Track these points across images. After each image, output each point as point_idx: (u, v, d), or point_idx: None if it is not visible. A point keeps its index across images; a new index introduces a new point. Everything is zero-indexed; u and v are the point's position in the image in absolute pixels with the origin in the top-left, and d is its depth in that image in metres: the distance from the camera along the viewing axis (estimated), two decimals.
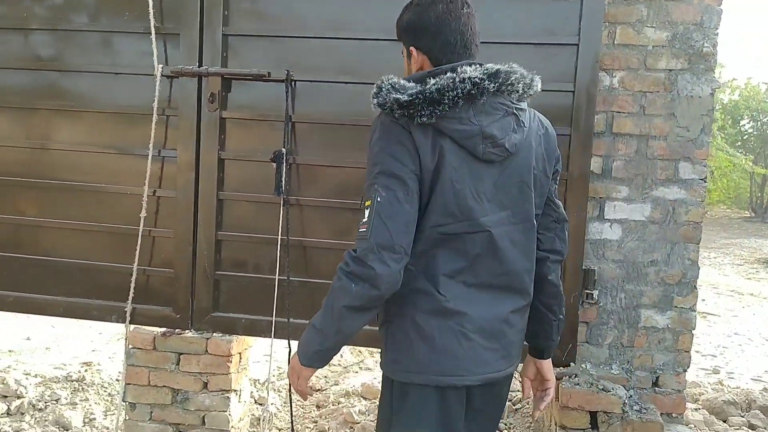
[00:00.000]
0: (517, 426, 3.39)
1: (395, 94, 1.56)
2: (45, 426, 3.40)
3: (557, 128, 2.65)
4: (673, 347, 2.78)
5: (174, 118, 2.93)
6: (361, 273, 1.55)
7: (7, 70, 3.06)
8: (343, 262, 1.59)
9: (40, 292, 3.08)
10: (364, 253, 1.55)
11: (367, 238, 1.55)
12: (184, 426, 2.96)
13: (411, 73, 1.72)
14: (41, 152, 3.08)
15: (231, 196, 2.94)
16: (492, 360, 1.70)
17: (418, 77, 1.62)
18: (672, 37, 2.69)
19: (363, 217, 1.58)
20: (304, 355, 1.68)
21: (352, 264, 1.56)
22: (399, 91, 1.56)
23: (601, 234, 2.75)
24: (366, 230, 1.55)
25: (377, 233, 1.55)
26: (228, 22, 2.87)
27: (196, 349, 2.93)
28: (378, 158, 1.59)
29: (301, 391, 1.76)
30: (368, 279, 1.54)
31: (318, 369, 1.77)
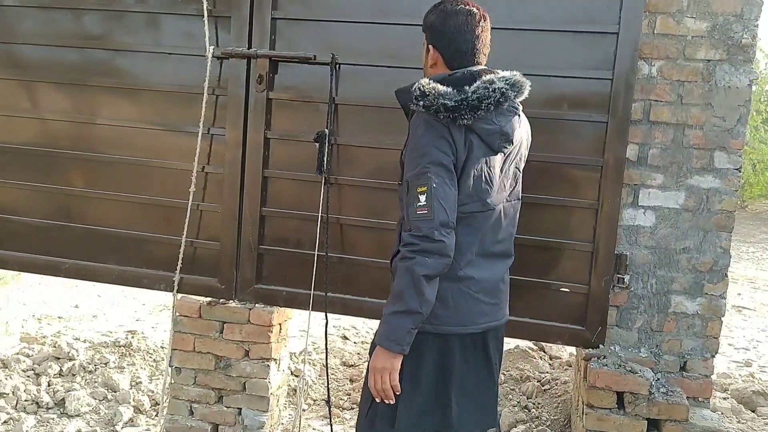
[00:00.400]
0: (546, 405, 3.48)
1: (442, 100, 1.85)
2: (95, 387, 3.60)
3: (595, 115, 2.75)
4: (702, 333, 2.83)
5: (223, 97, 3.06)
6: (432, 247, 1.83)
7: (67, 48, 3.23)
8: (407, 244, 1.86)
9: (94, 260, 3.26)
10: (431, 231, 1.83)
11: (431, 219, 1.83)
12: (225, 391, 3.12)
13: (426, 62, 2.08)
14: (94, 127, 3.25)
15: (275, 174, 3.07)
16: (491, 312, 2.07)
17: (442, 79, 1.93)
18: (711, 27, 2.71)
19: (418, 200, 1.85)
20: (397, 342, 1.87)
21: (421, 243, 1.84)
22: (444, 96, 1.85)
23: (634, 220, 2.81)
24: (428, 212, 1.84)
25: (438, 214, 1.84)
26: (277, 6, 2.98)
27: (239, 318, 3.08)
28: (426, 150, 1.87)
29: (395, 386, 1.92)
30: (439, 251, 1.84)
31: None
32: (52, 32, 3.23)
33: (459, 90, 1.87)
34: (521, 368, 3.85)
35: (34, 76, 3.27)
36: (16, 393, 3.44)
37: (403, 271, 1.86)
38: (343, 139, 2.96)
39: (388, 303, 1.91)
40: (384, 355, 1.90)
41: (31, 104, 3.31)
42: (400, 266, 1.87)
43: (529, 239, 2.83)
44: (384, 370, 1.90)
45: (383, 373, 1.90)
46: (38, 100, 3.30)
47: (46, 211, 3.32)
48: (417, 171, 1.87)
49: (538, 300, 2.86)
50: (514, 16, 2.75)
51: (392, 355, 1.89)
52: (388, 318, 1.90)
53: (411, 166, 1.90)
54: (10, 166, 3.33)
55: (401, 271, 1.86)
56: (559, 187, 2.81)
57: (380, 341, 1.91)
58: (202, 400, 3.14)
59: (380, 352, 1.91)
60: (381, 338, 1.91)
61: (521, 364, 3.91)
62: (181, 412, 3.16)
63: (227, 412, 3.12)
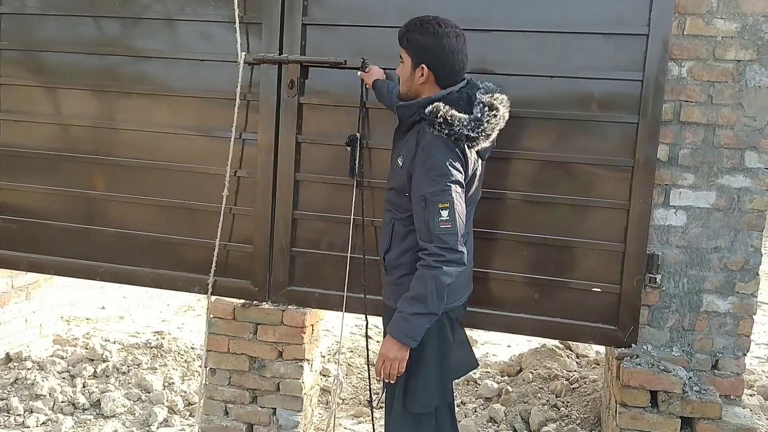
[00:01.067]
0: (575, 404, 3.51)
1: (465, 131, 2.14)
2: (129, 388, 3.66)
3: (625, 116, 2.79)
4: (733, 332, 2.85)
5: (254, 102, 3.11)
6: (456, 258, 2.11)
7: (107, 57, 3.29)
8: (433, 254, 2.10)
9: (129, 263, 3.33)
10: (455, 243, 2.10)
11: (455, 233, 2.10)
12: (260, 391, 3.18)
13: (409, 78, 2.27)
14: (128, 133, 3.31)
15: (307, 178, 3.11)
16: (470, 282, 2.49)
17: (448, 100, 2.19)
18: (741, 28, 2.73)
19: (440, 215, 2.09)
20: (414, 339, 2.15)
21: (447, 254, 2.09)
22: (465, 126, 2.14)
23: (665, 220, 2.83)
24: (452, 226, 2.09)
25: (459, 227, 2.11)
26: (307, 12, 3.02)
27: (273, 320, 3.13)
28: (445, 170, 2.12)
29: (401, 372, 2.21)
30: (459, 260, 2.12)
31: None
32: (96, 41, 3.29)
33: (473, 118, 2.16)
34: (549, 367, 3.88)
35: (77, 84, 3.33)
36: (53, 394, 3.51)
37: (429, 278, 2.10)
38: (374, 142, 3.00)
39: (409, 303, 2.15)
40: (398, 347, 2.16)
41: (71, 111, 3.38)
42: (425, 273, 2.11)
43: (561, 240, 2.87)
44: (396, 359, 2.17)
45: (394, 362, 2.18)
46: (77, 107, 3.36)
47: (81, 215, 3.39)
48: (438, 188, 2.11)
49: (570, 300, 2.89)
50: (544, 20, 2.78)
51: (406, 347, 2.17)
52: (410, 317, 2.13)
53: (429, 183, 2.13)
54: (48, 172, 3.41)
55: (426, 278, 2.10)
56: (590, 188, 2.83)
57: (398, 336, 2.16)
58: (237, 400, 3.20)
59: (395, 345, 2.17)
60: (399, 334, 2.16)
61: (549, 362, 3.94)
62: (216, 413, 3.22)
63: (262, 412, 3.17)
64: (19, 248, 3.47)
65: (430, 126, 2.16)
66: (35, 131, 3.41)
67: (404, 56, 2.28)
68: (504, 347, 4.92)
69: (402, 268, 2.32)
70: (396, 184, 2.32)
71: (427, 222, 2.11)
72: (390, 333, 2.19)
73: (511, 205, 2.91)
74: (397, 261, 2.34)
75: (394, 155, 2.40)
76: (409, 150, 2.26)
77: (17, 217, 3.47)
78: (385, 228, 2.42)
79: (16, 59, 3.41)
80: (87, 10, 3.27)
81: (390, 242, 2.37)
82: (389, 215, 2.38)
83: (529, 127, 2.84)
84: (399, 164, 2.29)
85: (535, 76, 2.82)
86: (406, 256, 2.30)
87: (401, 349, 2.16)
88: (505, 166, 2.88)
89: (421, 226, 2.15)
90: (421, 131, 2.22)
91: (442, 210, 2.09)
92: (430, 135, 2.16)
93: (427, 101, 2.21)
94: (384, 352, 2.19)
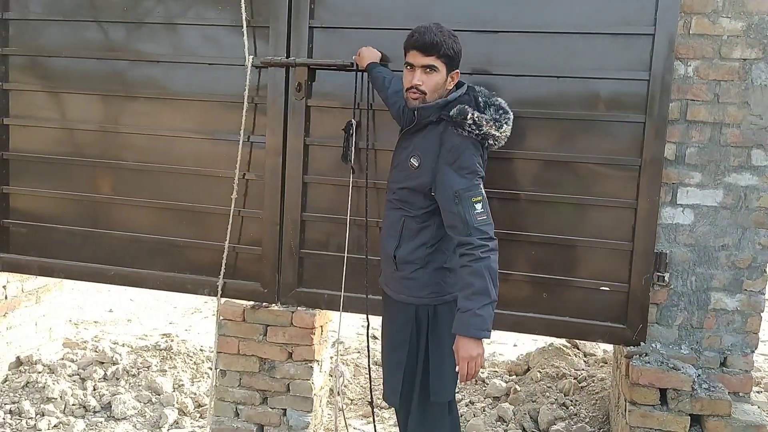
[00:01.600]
0: (583, 402, 3.52)
1: (492, 130, 2.28)
2: (139, 390, 3.68)
3: (632, 116, 2.80)
4: (741, 329, 2.86)
5: (262, 105, 3.13)
6: (495, 245, 2.22)
7: (115, 61, 3.31)
8: (479, 247, 2.17)
9: (139, 266, 3.35)
10: (492, 232, 2.22)
11: (490, 223, 2.22)
12: (270, 392, 3.19)
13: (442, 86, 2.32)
14: (137, 137, 3.33)
15: (315, 180, 3.13)
16: None
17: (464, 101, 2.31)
18: (747, 27, 2.74)
19: (474, 209, 2.20)
20: (487, 330, 2.19)
21: (489, 243, 2.20)
22: (492, 127, 2.28)
23: (673, 219, 2.84)
24: (487, 217, 2.22)
25: (491, 218, 2.24)
26: (313, 15, 3.04)
27: (282, 321, 3.15)
28: (475, 167, 2.26)
29: (482, 366, 2.27)
30: (496, 247, 2.23)
31: None
32: (104, 46, 3.32)
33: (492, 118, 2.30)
34: (557, 366, 3.89)
35: (86, 89, 3.36)
36: (64, 397, 3.53)
37: (484, 269, 2.16)
38: (381, 144, 3.02)
39: (472, 300, 2.17)
40: (476, 344, 2.19)
41: (80, 116, 3.40)
42: (478, 266, 2.16)
43: (569, 239, 2.88)
44: (478, 356, 2.20)
45: (478, 359, 2.20)
46: (86, 112, 3.38)
47: (91, 219, 3.41)
48: (470, 184, 2.22)
49: (578, 299, 2.90)
50: (551, 21, 2.80)
51: (481, 342, 2.20)
52: (479, 312, 2.16)
53: (460, 180, 2.23)
54: (58, 176, 3.43)
55: (481, 270, 2.16)
56: (598, 187, 2.85)
57: (474, 334, 2.17)
58: (248, 401, 3.22)
59: (473, 343, 2.18)
60: (475, 331, 2.17)
61: (556, 361, 3.95)
62: (226, 414, 3.24)
63: (272, 413, 3.19)
64: (29, 252, 3.50)
65: (458, 127, 2.24)
66: (44, 136, 3.43)
67: (439, 66, 2.29)
68: (510, 346, 4.93)
69: (415, 263, 2.38)
70: (411, 184, 2.35)
71: (464, 217, 2.19)
72: (464, 334, 2.19)
73: (518, 205, 2.92)
74: (409, 256, 2.38)
75: (402, 155, 2.43)
76: (428, 150, 2.31)
77: (27, 222, 3.50)
78: (393, 225, 2.44)
79: (24, 65, 3.44)
80: (95, 16, 3.29)
81: (399, 239, 2.40)
82: (398, 213, 2.42)
83: (537, 127, 2.86)
84: (414, 164, 2.34)
85: (542, 76, 2.84)
86: (420, 250, 2.37)
87: (479, 344, 2.20)
88: (512, 167, 2.90)
89: (456, 222, 2.22)
90: (446, 132, 2.28)
91: (476, 204, 2.20)
92: (458, 136, 2.25)
93: (445, 103, 2.30)
94: (466, 354, 2.19)
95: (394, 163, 2.50)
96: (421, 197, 2.33)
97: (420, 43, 2.26)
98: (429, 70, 2.28)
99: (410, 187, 2.36)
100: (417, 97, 2.32)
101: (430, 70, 2.29)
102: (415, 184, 2.34)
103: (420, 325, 2.41)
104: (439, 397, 2.41)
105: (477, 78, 2.78)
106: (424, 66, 2.28)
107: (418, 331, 2.41)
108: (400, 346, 2.43)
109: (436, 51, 2.25)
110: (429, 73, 2.29)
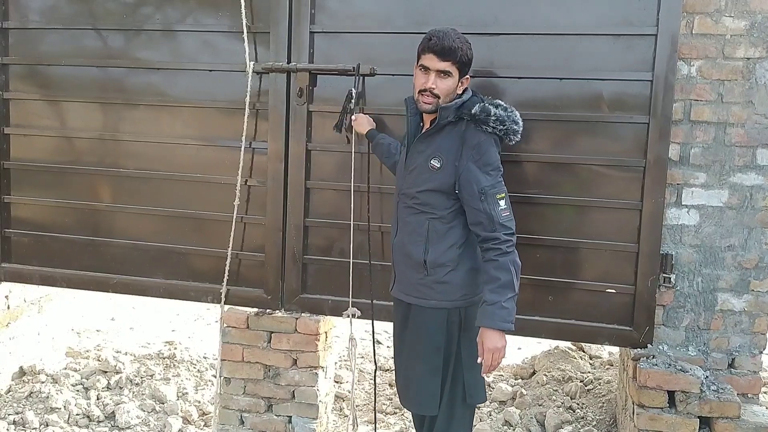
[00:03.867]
0: (590, 405, 3.50)
1: (514, 126, 2.32)
2: (143, 399, 3.66)
3: (636, 116, 2.78)
4: (749, 330, 2.84)
5: (264, 111, 3.12)
6: (515, 240, 2.27)
7: (114, 69, 3.30)
8: (505, 242, 2.23)
9: (142, 275, 3.33)
10: (514, 228, 2.28)
11: (513, 218, 2.28)
12: (275, 400, 3.17)
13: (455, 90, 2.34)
14: (138, 145, 3.32)
15: (317, 185, 3.12)
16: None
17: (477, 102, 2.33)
18: (750, 26, 2.73)
19: (499, 205, 2.25)
20: (512, 322, 2.22)
21: (513, 238, 2.26)
22: (513, 122, 2.33)
23: (678, 219, 2.83)
24: (509, 213, 2.28)
25: (512, 213, 2.29)
26: (314, 20, 3.03)
27: (286, 328, 3.13)
28: (498, 163, 2.31)
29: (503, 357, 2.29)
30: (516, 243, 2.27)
31: None
32: (104, 54, 3.31)
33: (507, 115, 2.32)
34: (563, 369, 3.87)
35: (87, 97, 3.35)
36: (67, 407, 3.51)
37: (509, 263, 2.22)
38: None
39: (498, 293, 2.21)
40: (500, 335, 2.23)
41: (81, 124, 3.39)
42: (504, 260, 2.22)
43: (574, 241, 2.87)
44: (503, 347, 2.24)
45: (502, 351, 2.24)
46: (87, 120, 3.37)
47: (93, 227, 3.40)
48: (494, 181, 2.27)
49: (584, 302, 2.88)
50: (552, 22, 2.79)
51: (504, 334, 2.24)
52: (504, 304, 2.20)
53: (485, 177, 2.26)
54: (59, 185, 3.42)
55: (507, 264, 2.22)
56: (602, 189, 2.83)
57: (500, 326, 2.21)
58: (252, 409, 3.19)
59: (497, 334, 2.22)
60: (501, 323, 2.20)
61: (562, 364, 3.93)
62: (231, 422, 3.22)
63: (277, 420, 3.17)
64: (31, 262, 3.49)
65: (482, 124, 2.28)
66: (45, 145, 3.43)
67: (454, 71, 2.31)
68: (514, 349, 4.90)
69: (448, 265, 2.37)
70: (434, 186, 2.34)
71: (489, 213, 2.23)
72: (491, 326, 2.22)
73: (523, 208, 2.88)
74: (441, 259, 2.36)
75: (419, 159, 2.39)
76: (449, 150, 2.32)
77: (29, 231, 3.48)
78: (416, 231, 2.40)
79: (24, 74, 3.43)
80: (94, 23, 3.28)
81: (427, 242, 2.37)
82: (422, 217, 2.39)
83: (541, 129, 2.84)
84: (436, 165, 2.33)
85: (545, 78, 2.82)
86: (451, 251, 2.36)
87: (503, 336, 2.23)
88: (517, 169, 2.87)
89: (483, 218, 2.25)
90: (468, 130, 2.31)
91: (500, 200, 2.25)
92: (482, 133, 2.29)
93: (462, 103, 2.33)
94: (491, 345, 2.22)
95: (408, 168, 2.44)
96: (445, 198, 2.33)
97: (438, 48, 2.26)
98: (444, 75, 2.30)
99: (433, 189, 2.34)
100: (430, 102, 2.33)
101: (445, 75, 2.30)
102: (437, 185, 2.33)
103: (451, 329, 2.39)
104: (475, 399, 2.42)
105: (479, 81, 2.77)
106: (440, 71, 2.29)
107: (449, 335, 2.39)
108: (434, 353, 2.39)
109: (453, 57, 2.26)
110: (443, 78, 2.30)
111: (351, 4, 3.01)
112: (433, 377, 2.38)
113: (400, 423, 3.59)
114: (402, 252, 2.47)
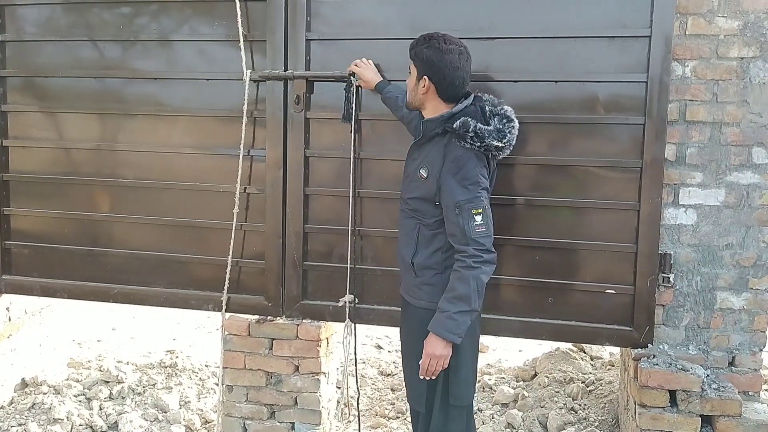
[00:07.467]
0: (592, 406, 3.51)
1: (494, 142, 2.30)
2: (145, 409, 3.66)
3: (631, 118, 2.80)
4: (749, 328, 2.86)
5: (261, 119, 3.13)
6: (491, 258, 2.28)
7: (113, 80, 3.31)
8: (472, 256, 2.24)
9: (142, 284, 3.34)
10: (490, 245, 2.28)
11: (489, 235, 2.28)
12: (278, 406, 3.18)
13: (414, 89, 2.41)
14: (137, 155, 3.33)
15: (316, 191, 3.13)
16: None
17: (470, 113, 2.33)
18: (743, 26, 2.75)
19: (474, 220, 2.24)
20: (459, 335, 2.28)
21: (484, 255, 2.26)
22: (495, 138, 2.30)
23: (676, 219, 2.84)
24: (486, 229, 2.27)
25: (491, 230, 2.29)
26: (310, 28, 3.04)
27: (288, 334, 3.14)
28: (477, 178, 2.29)
29: (444, 368, 2.34)
30: (493, 260, 2.30)
31: None
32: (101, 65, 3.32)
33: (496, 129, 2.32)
34: (564, 370, 3.87)
35: (85, 108, 3.36)
36: (70, 418, 3.51)
37: (470, 278, 2.25)
38: (383, 155, 3.02)
39: (451, 302, 2.27)
40: (444, 344, 2.29)
41: (79, 135, 3.39)
42: (466, 274, 2.25)
43: (573, 243, 2.88)
44: (442, 356, 2.30)
45: (441, 359, 2.30)
46: (85, 131, 3.38)
47: (92, 238, 3.40)
48: (471, 196, 2.27)
49: (584, 303, 2.89)
50: (547, 26, 2.80)
51: (450, 344, 2.29)
52: (454, 316, 2.26)
53: (462, 191, 2.27)
54: (58, 196, 3.43)
55: (468, 278, 2.25)
56: (600, 190, 2.84)
57: (444, 335, 2.27)
58: (255, 416, 3.20)
59: (441, 343, 2.28)
60: (445, 332, 2.27)
61: (563, 366, 3.93)
62: (234, 429, 3.22)
63: (280, 427, 3.18)
64: (31, 273, 3.49)
65: (460, 139, 2.29)
66: (44, 156, 3.43)
67: (411, 67, 2.42)
68: (515, 352, 4.91)
69: (433, 268, 2.42)
70: (420, 194, 2.41)
71: (462, 227, 2.25)
72: (435, 332, 2.29)
73: (521, 211, 2.92)
74: (426, 262, 2.43)
75: (412, 166, 2.48)
76: (434, 162, 2.36)
77: (29, 243, 3.49)
78: (409, 234, 2.49)
79: (22, 86, 3.44)
80: (90, 35, 3.29)
81: (416, 246, 2.45)
82: (413, 221, 2.47)
83: (537, 132, 2.86)
84: (423, 175, 2.39)
85: (540, 81, 2.84)
86: (436, 255, 2.41)
87: (446, 346, 2.29)
88: (514, 172, 2.89)
89: (456, 231, 2.28)
90: (449, 144, 2.33)
91: (476, 215, 2.25)
92: (460, 148, 2.30)
93: (449, 115, 2.34)
94: (430, 350, 2.29)
95: (405, 173, 2.54)
96: (431, 206, 2.38)
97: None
98: (409, 71, 2.44)
99: (420, 197, 2.42)
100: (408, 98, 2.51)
101: (409, 71, 2.44)
102: (423, 193, 2.39)
103: None
104: (459, 400, 2.43)
105: (476, 85, 2.78)
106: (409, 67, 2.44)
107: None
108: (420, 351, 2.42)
109: (410, 53, 2.41)
110: (408, 74, 2.45)
111: (346, 11, 3.03)
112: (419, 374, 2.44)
113: (402, 427, 3.59)
114: (399, 254, 2.56)
